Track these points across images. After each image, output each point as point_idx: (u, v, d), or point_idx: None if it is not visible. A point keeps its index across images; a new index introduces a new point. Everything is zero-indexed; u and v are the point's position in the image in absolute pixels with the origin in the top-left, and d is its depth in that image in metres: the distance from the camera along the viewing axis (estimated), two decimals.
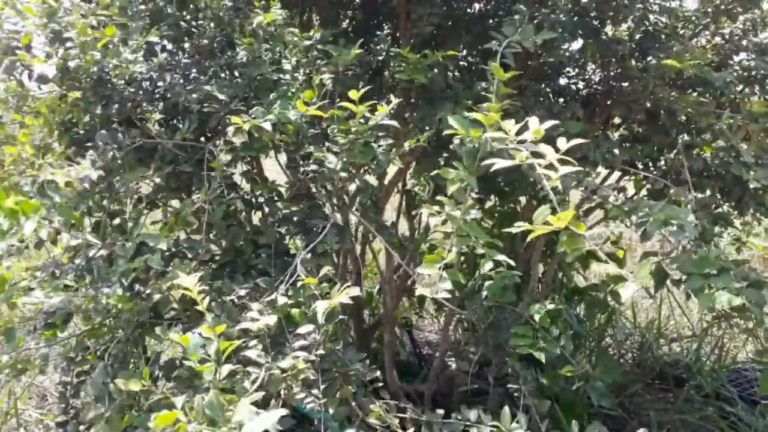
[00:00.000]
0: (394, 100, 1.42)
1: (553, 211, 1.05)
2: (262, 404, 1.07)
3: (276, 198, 1.84)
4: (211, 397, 0.89)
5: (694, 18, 1.97)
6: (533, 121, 1.13)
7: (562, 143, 1.09)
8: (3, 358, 1.67)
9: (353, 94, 1.40)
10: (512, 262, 1.17)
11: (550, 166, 1.06)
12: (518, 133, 1.15)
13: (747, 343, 2.98)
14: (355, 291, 1.25)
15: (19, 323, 3.09)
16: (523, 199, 2.46)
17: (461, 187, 1.21)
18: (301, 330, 1.30)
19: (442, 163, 2.13)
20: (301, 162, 1.85)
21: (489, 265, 1.14)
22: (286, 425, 1.25)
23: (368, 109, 1.43)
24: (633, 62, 1.88)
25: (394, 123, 1.48)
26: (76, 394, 1.71)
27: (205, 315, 1.13)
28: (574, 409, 2.10)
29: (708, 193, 1.87)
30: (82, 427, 1.31)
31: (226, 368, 1.04)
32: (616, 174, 2.15)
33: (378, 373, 1.39)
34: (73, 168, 1.44)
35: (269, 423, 0.85)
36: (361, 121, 1.46)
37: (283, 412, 0.94)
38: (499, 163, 1.09)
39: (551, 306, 1.49)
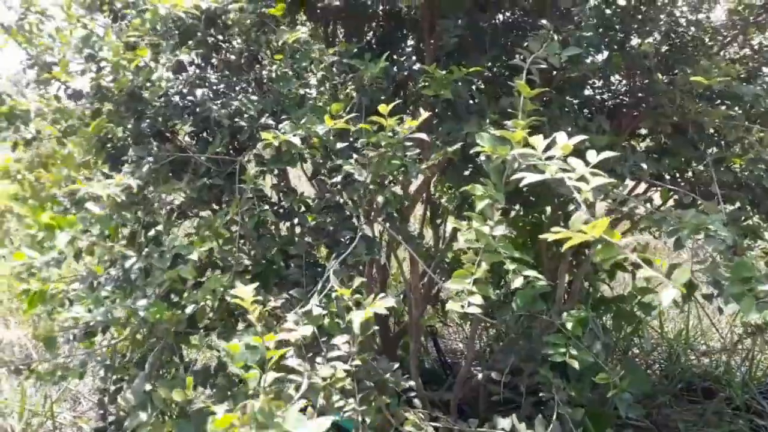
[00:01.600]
0: (424, 114, 1.45)
1: (586, 222, 1.06)
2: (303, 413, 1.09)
3: (305, 210, 1.88)
4: (261, 403, 0.92)
5: (722, 30, 1.96)
6: (561, 137, 1.15)
7: (593, 156, 1.10)
8: (43, 366, 1.72)
9: (382, 108, 1.43)
10: (540, 276, 1.18)
11: (581, 179, 1.07)
12: (546, 149, 1.17)
13: None
14: (390, 302, 1.27)
15: (59, 332, 3.18)
16: (548, 209, 2.46)
17: (489, 203, 1.23)
18: (336, 340, 1.33)
19: (467, 173, 2.15)
20: (329, 174, 1.88)
21: (519, 280, 1.16)
22: None
23: (396, 122, 1.46)
24: (660, 75, 1.88)
25: (424, 136, 1.51)
26: (113, 401, 1.76)
27: (238, 324, 1.16)
28: (601, 421, 2.09)
29: (737, 205, 1.86)
30: None
31: (271, 376, 1.07)
32: (643, 186, 2.14)
33: (411, 383, 1.41)
34: (113, 180, 1.49)
35: (323, 428, 0.87)
36: (390, 134, 1.49)
37: (330, 420, 0.96)
38: (529, 178, 1.10)
39: (583, 314, 1.50)
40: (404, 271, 2.95)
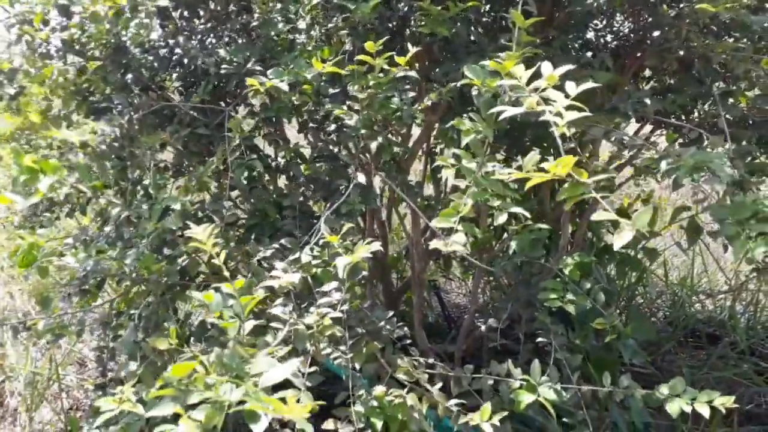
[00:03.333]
0: (412, 49, 1.38)
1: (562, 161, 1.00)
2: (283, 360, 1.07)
3: (299, 160, 1.83)
4: (231, 349, 0.89)
5: None
6: (546, 67, 1.08)
7: (572, 88, 1.03)
8: (40, 324, 1.71)
9: (370, 46, 1.36)
10: (527, 214, 1.13)
11: (558, 114, 1.01)
12: (531, 81, 1.10)
13: None
14: (376, 246, 1.23)
15: (53, 290, 3.19)
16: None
17: (477, 138, 1.18)
18: (325, 287, 1.30)
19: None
20: (322, 122, 1.83)
21: (503, 217, 1.11)
22: (315, 382, 1.26)
23: (386, 61, 1.39)
24: (665, 8, 1.79)
25: (413, 74, 1.44)
26: (113, 358, 1.75)
27: (225, 273, 1.13)
28: (605, 367, 2.07)
29: (745, 143, 1.79)
30: (119, 388, 1.33)
31: (250, 324, 1.04)
32: (648, 134, 2.07)
33: (406, 329, 1.38)
34: (89, 126, 1.44)
35: (288, 373, 0.84)
36: (380, 75, 1.43)
37: (298, 361, 0.93)
38: (509, 111, 1.04)
39: (582, 258, 1.45)
40: (406, 227, 2.91)
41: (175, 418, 0.83)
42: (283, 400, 0.77)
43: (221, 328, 1.04)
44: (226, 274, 1.04)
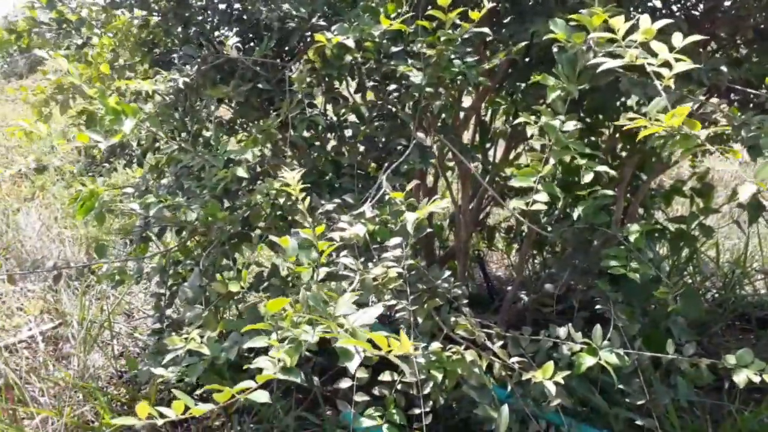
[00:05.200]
0: (488, 4, 1.35)
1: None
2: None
3: (358, 119, 1.82)
4: (314, 292, 0.91)
5: None
6: (645, 19, 1.04)
7: (678, 39, 1.00)
8: (102, 268, 1.76)
9: (442, 0, 1.33)
10: (614, 173, 1.11)
11: (664, 64, 0.98)
12: (627, 35, 1.07)
13: None
14: (446, 203, 1.23)
15: (109, 239, 3.27)
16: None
17: (560, 96, 1.15)
18: (390, 242, 1.30)
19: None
20: (383, 81, 1.81)
21: (589, 176, 1.09)
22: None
23: (458, 17, 1.37)
24: None
25: (486, 30, 1.41)
26: (170, 305, 1.80)
27: (300, 223, 1.14)
28: (652, 344, 2.05)
29: None
30: (186, 329, 1.37)
31: (323, 270, 1.05)
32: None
33: (463, 288, 1.38)
34: (159, 77, 1.46)
35: (373, 318, 0.85)
36: (450, 32, 1.41)
37: (379, 310, 0.94)
38: (608, 63, 1.02)
39: (646, 226, 1.43)
40: (453, 194, 2.90)
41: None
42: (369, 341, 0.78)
43: (294, 273, 1.05)
44: (309, 220, 1.05)
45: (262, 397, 0.75)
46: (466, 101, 2.48)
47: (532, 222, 2.28)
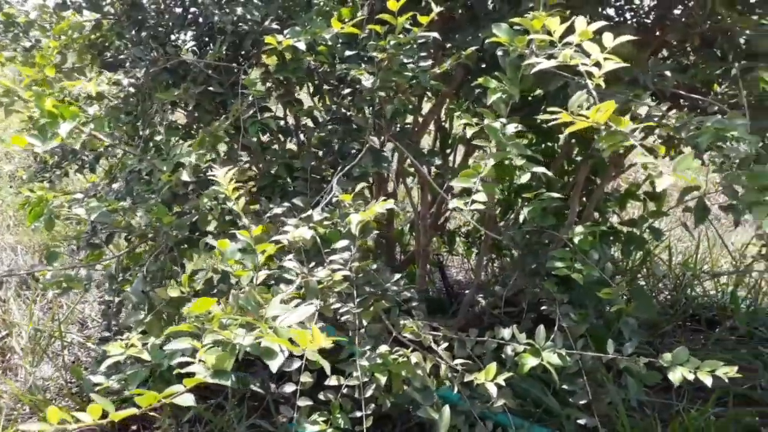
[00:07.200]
0: (436, 8, 1.36)
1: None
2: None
3: (312, 123, 1.82)
4: (246, 293, 0.90)
5: None
6: (580, 22, 1.07)
7: (608, 40, 1.02)
8: (48, 275, 1.71)
9: (392, 5, 1.34)
10: (549, 173, 1.13)
11: (596, 64, 1.00)
12: (563, 37, 1.09)
13: None
14: (390, 204, 1.23)
15: (60, 246, 3.19)
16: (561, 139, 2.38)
17: (501, 98, 1.17)
18: (337, 245, 1.30)
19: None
20: (337, 86, 1.81)
21: (526, 176, 1.11)
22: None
23: (408, 21, 1.38)
24: None
25: (435, 34, 1.43)
26: (118, 313, 1.76)
27: (244, 220, 1.13)
28: (602, 344, 2.08)
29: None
30: (126, 335, 1.34)
31: (263, 274, 1.05)
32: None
33: (412, 291, 1.39)
34: (104, 78, 1.44)
35: (302, 317, 0.85)
36: (400, 36, 1.42)
37: (313, 309, 0.93)
38: (542, 64, 1.04)
39: (592, 228, 1.45)
40: (412, 200, 2.91)
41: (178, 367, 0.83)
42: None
43: (232, 278, 1.04)
44: (245, 221, 1.04)
45: (188, 400, 0.74)
46: (427, 107, 2.50)
47: (489, 226, 2.32)
